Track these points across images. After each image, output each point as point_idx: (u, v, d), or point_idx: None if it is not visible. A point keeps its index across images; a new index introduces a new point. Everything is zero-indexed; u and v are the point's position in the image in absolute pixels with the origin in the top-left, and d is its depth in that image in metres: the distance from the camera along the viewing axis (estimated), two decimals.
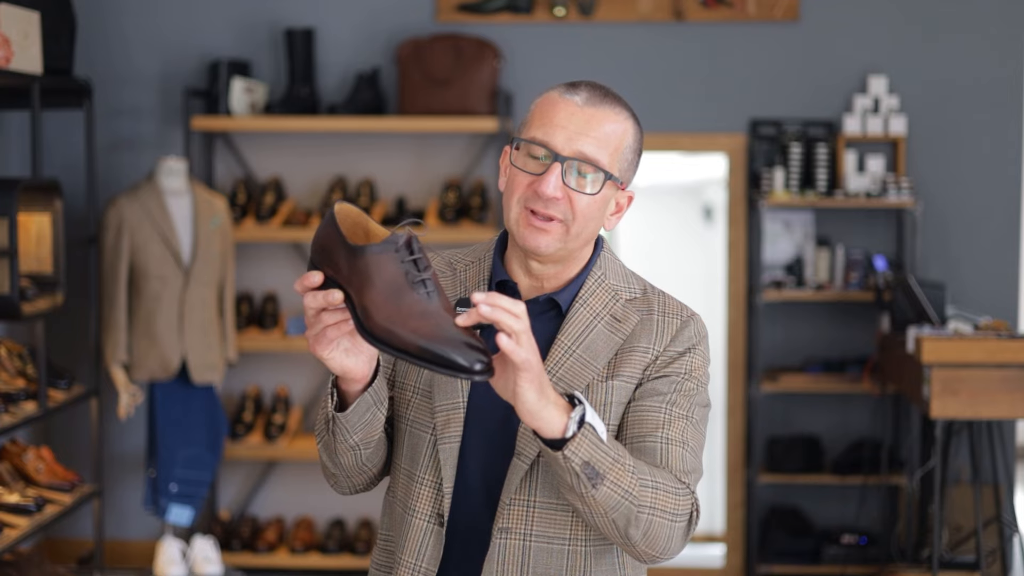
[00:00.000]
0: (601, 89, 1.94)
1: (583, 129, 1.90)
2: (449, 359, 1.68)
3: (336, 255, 1.76)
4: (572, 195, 1.90)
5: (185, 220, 5.25)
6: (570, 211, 1.90)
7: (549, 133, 1.90)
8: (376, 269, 1.73)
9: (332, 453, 1.94)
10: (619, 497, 1.78)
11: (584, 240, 1.95)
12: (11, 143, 5.59)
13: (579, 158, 1.89)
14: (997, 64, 5.68)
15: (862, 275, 5.60)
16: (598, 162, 1.90)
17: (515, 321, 1.70)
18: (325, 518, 5.87)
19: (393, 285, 1.72)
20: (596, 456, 1.76)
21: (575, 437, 1.74)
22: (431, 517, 1.94)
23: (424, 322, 1.71)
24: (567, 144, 1.89)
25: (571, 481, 1.77)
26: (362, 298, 1.73)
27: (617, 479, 1.77)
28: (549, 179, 1.88)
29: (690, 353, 1.96)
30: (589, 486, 1.76)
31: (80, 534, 5.80)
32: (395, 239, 1.74)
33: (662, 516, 1.82)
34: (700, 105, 5.77)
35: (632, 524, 1.80)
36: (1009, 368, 4.62)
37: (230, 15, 5.80)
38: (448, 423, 1.93)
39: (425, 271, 1.74)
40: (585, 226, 1.92)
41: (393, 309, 1.71)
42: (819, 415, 5.79)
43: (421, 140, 5.79)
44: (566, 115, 1.90)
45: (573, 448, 1.74)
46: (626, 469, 1.79)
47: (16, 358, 4.74)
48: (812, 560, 5.57)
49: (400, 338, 1.70)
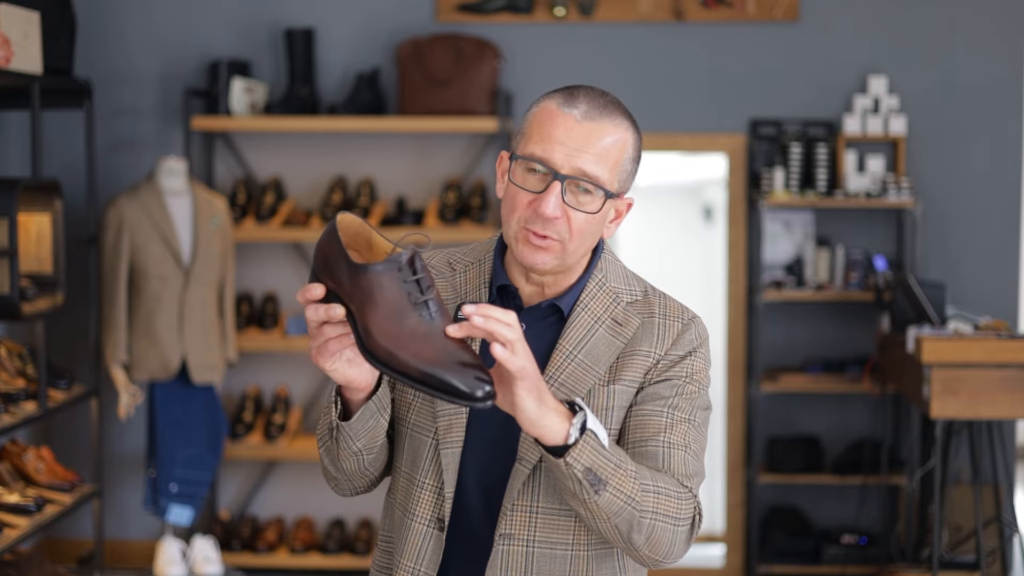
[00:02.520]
0: (600, 98, 1.91)
1: (582, 145, 1.87)
2: (451, 385, 1.66)
3: (338, 269, 1.73)
4: (570, 213, 1.88)
5: (185, 220, 5.25)
6: (567, 230, 1.88)
7: (548, 150, 1.87)
8: (378, 288, 1.69)
9: (335, 459, 1.94)
10: (621, 503, 1.78)
11: (582, 253, 1.94)
12: (11, 143, 5.59)
13: (578, 176, 1.87)
14: (997, 64, 5.67)
15: (862, 275, 5.60)
16: (598, 180, 1.88)
17: (508, 330, 1.70)
18: (325, 518, 5.87)
19: (395, 306, 1.69)
20: (598, 462, 1.75)
21: (577, 444, 1.74)
22: (431, 521, 1.93)
23: (426, 346, 1.68)
24: (566, 161, 1.87)
25: (573, 488, 1.77)
26: (363, 317, 1.70)
27: (619, 485, 1.77)
28: (548, 199, 1.86)
29: (691, 356, 1.95)
30: (592, 492, 1.76)
31: (80, 534, 5.80)
32: (398, 258, 1.70)
33: (664, 521, 1.82)
34: (700, 105, 5.77)
35: (635, 529, 1.80)
36: (1009, 368, 4.62)
37: (230, 15, 5.80)
38: (450, 428, 1.93)
39: (428, 292, 1.71)
40: (582, 242, 1.91)
41: (395, 331, 1.69)
42: (819, 415, 5.79)
43: (421, 140, 5.79)
44: (564, 130, 1.87)
45: (575, 455, 1.74)
46: (628, 474, 1.78)
47: (16, 358, 4.74)
48: (812, 560, 5.56)
49: (401, 361, 1.68)
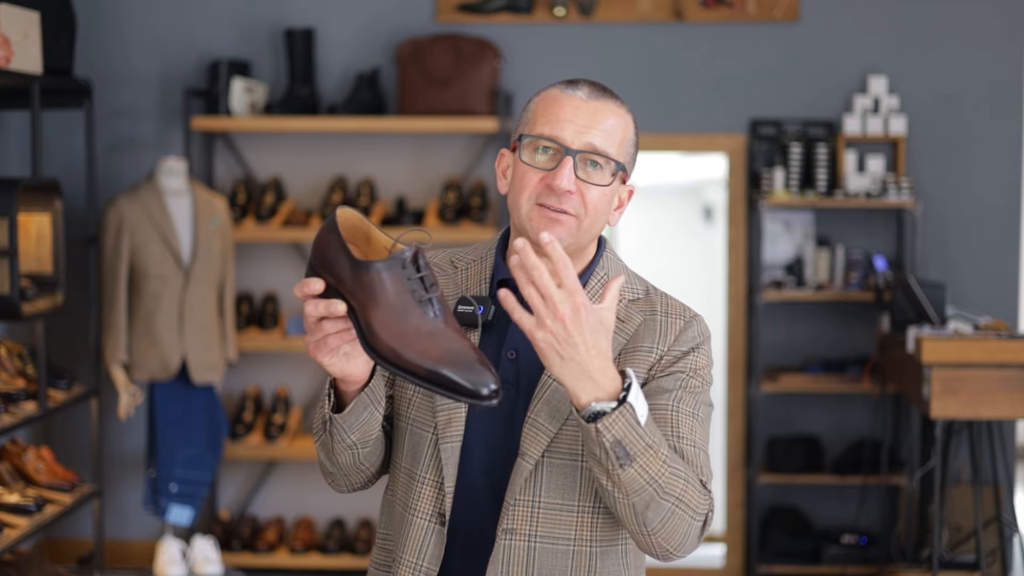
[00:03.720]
0: (599, 85, 1.97)
1: (590, 122, 1.92)
2: (457, 383, 1.66)
3: (338, 265, 1.72)
4: (584, 188, 1.91)
5: (185, 220, 5.25)
6: (582, 205, 1.91)
7: (557, 128, 1.92)
8: (381, 286, 1.68)
9: (330, 452, 1.95)
10: (644, 482, 1.77)
11: (593, 235, 1.96)
12: (11, 143, 5.59)
13: (589, 150, 1.91)
14: (997, 64, 5.67)
15: (862, 275, 5.60)
16: (607, 153, 1.92)
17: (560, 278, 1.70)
18: (325, 518, 5.87)
19: (399, 304, 1.68)
20: (630, 437, 1.75)
21: (611, 414, 1.73)
22: (432, 516, 1.93)
23: (432, 343, 1.67)
24: (576, 137, 1.91)
25: (599, 454, 1.76)
26: (366, 314, 1.69)
27: (647, 464, 1.77)
28: (562, 173, 1.89)
29: (694, 352, 1.96)
30: (616, 465, 1.75)
31: (80, 534, 5.80)
32: (401, 255, 1.69)
33: (685, 510, 1.82)
34: (700, 105, 5.77)
35: (652, 509, 1.79)
36: (1009, 368, 4.62)
37: (230, 15, 5.80)
38: (449, 422, 1.93)
39: (432, 290, 1.70)
40: (596, 219, 1.94)
41: (399, 329, 1.68)
42: (819, 415, 5.79)
43: (421, 140, 5.79)
44: (572, 109, 1.92)
45: (607, 424, 1.73)
46: (659, 457, 1.78)
47: (16, 358, 4.74)
48: (812, 560, 5.56)
49: (407, 359, 1.67)
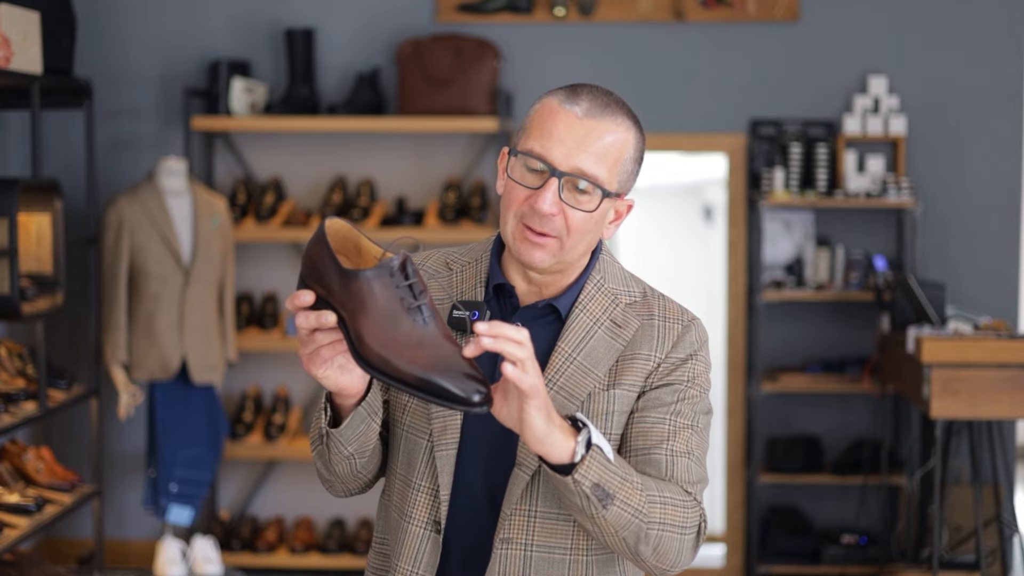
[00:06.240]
0: (603, 97, 1.89)
1: (582, 143, 1.85)
2: (447, 390, 1.66)
3: (327, 276, 1.71)
4: (567, 211, 1.86)
5: (185, 220, 5.25)
6: (564, 227, 1.87)
7: (547, 147, 1.85)
8: (370, 295, 1.68)
9: (327, 462, 1.93)
10: (629, 516, 1.77)
11: (580, 252, 1.92)
12: (11, 143, 5.59)
13: (577, 174, 1.85)
14: (997, 64, 5.67)
15: (862, 275, 5.60)
16: (596, 179, 1.86)
17: (519, 349, 1.68)
18: (325, 518, 5.87)
19: (388, 312, 1.68)
20: (606, 477, 1.74)
21: (584, 460, 1.73)
22: (428, 524, 1.92)
23: (421, 352, 1.67)
24: (565, 159, 1.85)
25: (581, 504, 1.75)
26: (356, 324, 1.69)
27: (627, 498, 1.76)
28: (545, 196, 1.84)
29: (692, 359, 1.94)
30: (600, 507, 1.75)
31: (80, 534, 5.80)
32: (389, 264, 1.69)
33: (671, 531, 1.81)
34: (700, 105, 5.77)
35: (642, 541, 1.79)
36: (1009, 368, 4.62)
37: (230, 15, 5.80)
38: (445, 430, 1.91)
39: (421, 296, 1.70)
40: (580, 240, 1.89)
41: (388, 337, 1.68)
42: (819, 415, 5.79)
43: (421, 140, 5.79)
44: (565, 127, 1.85)
45: (583, 472, 1.73)
46: (634, 487, 1.77)
47: (16, 358, 4.74)
48: (812, 560, 5.56)
49: (396, 367, 1.67)
